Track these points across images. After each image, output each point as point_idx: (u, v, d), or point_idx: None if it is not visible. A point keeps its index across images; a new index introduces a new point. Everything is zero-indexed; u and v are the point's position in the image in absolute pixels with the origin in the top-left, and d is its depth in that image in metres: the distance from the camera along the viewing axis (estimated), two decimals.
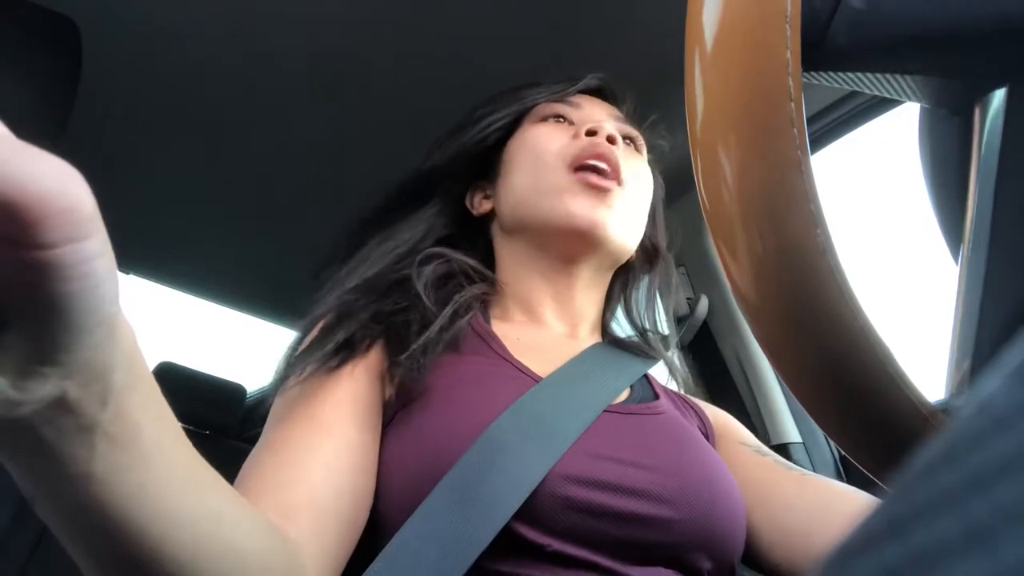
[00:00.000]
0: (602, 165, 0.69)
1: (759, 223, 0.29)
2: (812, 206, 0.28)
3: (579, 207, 0.68)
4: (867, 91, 0.33)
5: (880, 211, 1.26)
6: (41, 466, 0.29)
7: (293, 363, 0.59)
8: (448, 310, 0.65)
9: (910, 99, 0.33)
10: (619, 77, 0.84)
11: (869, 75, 0.32)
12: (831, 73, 0.31)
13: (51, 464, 0.28)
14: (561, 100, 0.77)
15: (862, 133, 1.01)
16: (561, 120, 0.76)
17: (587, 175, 0.69)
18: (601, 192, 0.69)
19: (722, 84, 0.29)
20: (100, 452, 0.29)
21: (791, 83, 0.28)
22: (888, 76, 0.32)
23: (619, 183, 0.70)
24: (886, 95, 0.33)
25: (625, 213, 0.71)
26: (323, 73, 1.12)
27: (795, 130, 0.28)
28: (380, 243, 0.73)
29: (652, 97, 0.86)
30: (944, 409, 0.30)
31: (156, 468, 0.32)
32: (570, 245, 0.71)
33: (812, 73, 0.31)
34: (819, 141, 1.03)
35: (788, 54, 0.27)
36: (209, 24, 1.05)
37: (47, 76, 0.93)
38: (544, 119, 0.76)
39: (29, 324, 0.24)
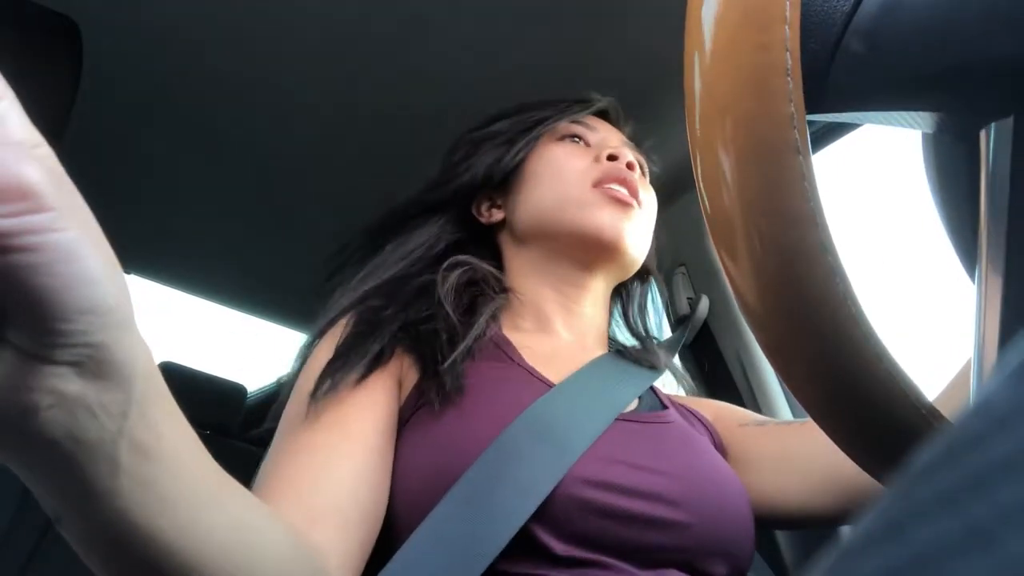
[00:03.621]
0: (623, 189, 0.72)
1: (759, 224, 0.29)
2: (812, 207, 0.28)
3: (607, 218, 0.71)
4: (868, 124, 0.33)
5: (880, 211, 1.26)
6: (68, 484, 0.29)
7: (324, 372, 0.59)
8: (482, 320, 0.67)
9: (914, 128, 0.33)
10: (617, 78, 0.84)
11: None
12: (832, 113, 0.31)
13: (78, 481, 0.29)
14: (577, 121, 0.80)
15: (862, 133, 1.01)
16: (577, 140, 0.79)
17: (612, 189, 0.72)
18: (625, 206, 0.72)
19: (722, 85, 0.29)
20: (124, 465, 0.29)
21: (791, 83, 0.28)
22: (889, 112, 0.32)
23: (639, 204, 0.73)
24: (887, 126, 0.33)
25: (641, 231, 0.75)
26: (325, 74, 1.11)
27: (795, 131, 0.28)
28: (396, 248, 0.76)
29: (651, 98, 0.86)
30: None
31: (179, 480, 0.32)
32: (591, 254, 0.73)
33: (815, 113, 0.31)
34: (819, 141, 1.03)
35: (788, 55, 0.27)
36: (210, 24, 1.05)
37: (47, 76, 0.93)
38: (562, 138, 0.79)
39: (15, 310, 0.25)
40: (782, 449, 0.67)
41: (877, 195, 1.26)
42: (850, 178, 1.18)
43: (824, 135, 1.02)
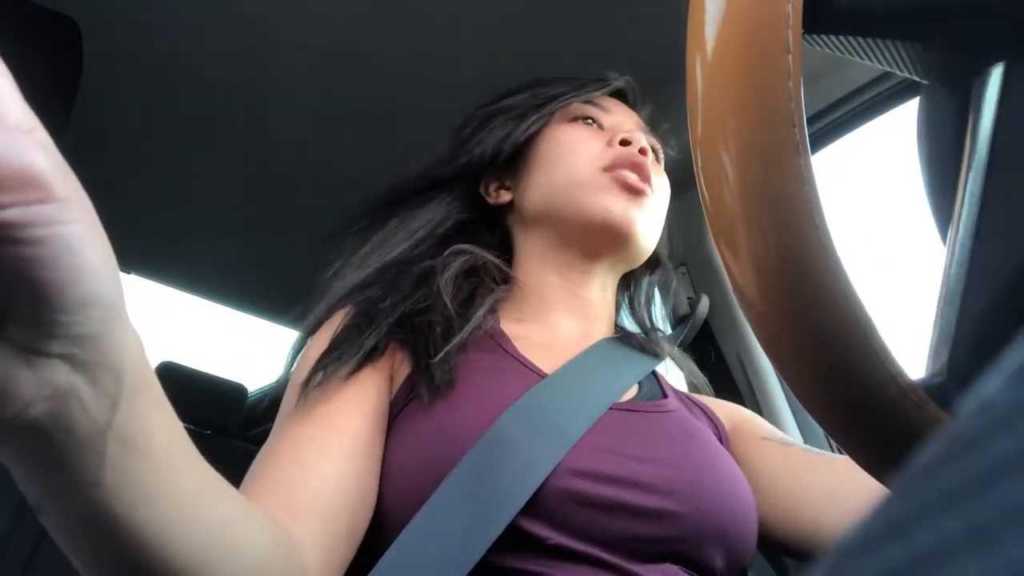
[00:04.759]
0: (635, 176, 0.70)
1: (760, 222, 0.29)
2: (813, 205, 0.28)
3: (617, 205, 0.69)
4: (866, 60, 0.33)
5: (880, 210, 1.26)
6: (52, 474, 0.29)
7: (317, 363, 0.59)
8: (480, 313, 0.66)
9: (908, 71, 0.33)
10: (633, 60, 0.82)
11: (869, 42, 0.31)
12: (832, 38, 0.31)
13: (62, 472, 0.28)
14: (591, 102, 0.78)
15: (862, 133, 1.01)
16: (590, 122, 0.77)
17: (624, 174, 0.69)
18: (637, 193, 0.70)
19: (723, 84, 0.29)
20: (110, 458, 0.29)
21: (791, 83, 0.28)
22: (888, 45, 0.31)
23: (651, 190, 0.71)
24: (885, 66, 0.33)
25: (652, 220, 0.73)
26: (327, 72, 1.11)
27: (796, 129, 0.28)
28: (400, 225, 0.74)
29: (651, 96, 0.86)
30: (925, 388, 0.29)
31: (164, 475, 0.32)
32: (599, 241, 0.71)
33: (813, 37, 0.31)
34: (819, 141, 1.03)
35: (789, 37, 0.27)
36: (210, 23, 1.05)
37: (47, 76, 0.93)
38: (574, 119, 0.77)
39: (12, 301, 0.25)
40: (797, 474, 0.64)
41: (878, 195, 1.26)
42: (851, 178, 1.18)
43: (824, 135, 1.02)
